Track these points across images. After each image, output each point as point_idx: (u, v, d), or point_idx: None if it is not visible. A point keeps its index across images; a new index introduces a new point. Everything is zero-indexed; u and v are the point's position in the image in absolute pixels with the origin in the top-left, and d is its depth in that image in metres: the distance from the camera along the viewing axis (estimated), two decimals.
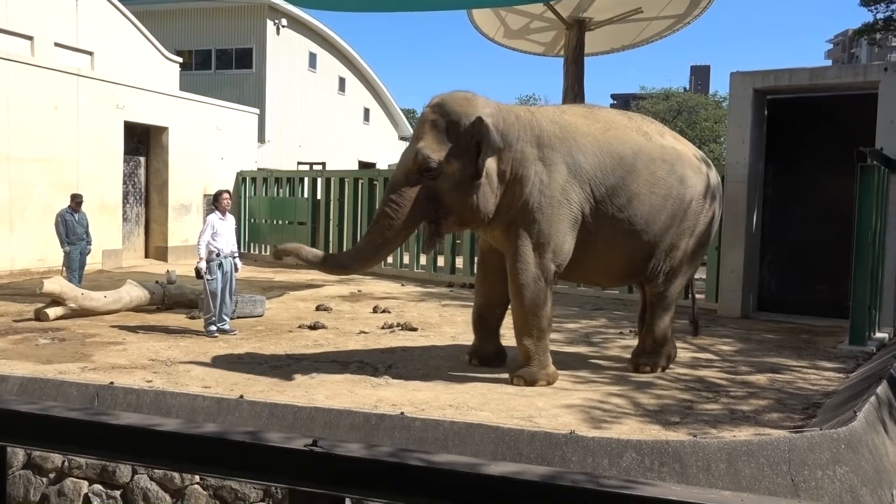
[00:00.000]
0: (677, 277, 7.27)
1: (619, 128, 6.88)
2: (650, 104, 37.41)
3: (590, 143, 6.62)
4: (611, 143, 6.71)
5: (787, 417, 5.82)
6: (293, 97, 26.13)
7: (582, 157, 6.56)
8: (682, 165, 6.98)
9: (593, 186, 6.57)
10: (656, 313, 7.28)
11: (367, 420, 5.39)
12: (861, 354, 8.38)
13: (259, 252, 19.26)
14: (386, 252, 7.00)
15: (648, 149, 6.82)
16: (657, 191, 6.77)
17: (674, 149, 7.05)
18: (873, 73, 10.61)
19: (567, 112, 7.06)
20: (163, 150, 17.82)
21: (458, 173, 6.28)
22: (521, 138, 6.48)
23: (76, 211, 11.30)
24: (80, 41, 17.27)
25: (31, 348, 7.87)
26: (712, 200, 7.26)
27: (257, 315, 10.15)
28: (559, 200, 6.46)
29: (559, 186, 6.45)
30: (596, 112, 7.15)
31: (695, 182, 7.03)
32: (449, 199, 6.37)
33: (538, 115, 6.82)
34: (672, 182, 6.87)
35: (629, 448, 4.84)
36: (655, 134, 7.11)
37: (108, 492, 5.48)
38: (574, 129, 6.67)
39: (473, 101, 6.48)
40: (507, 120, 6.49)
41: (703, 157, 7.51)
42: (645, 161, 6.75)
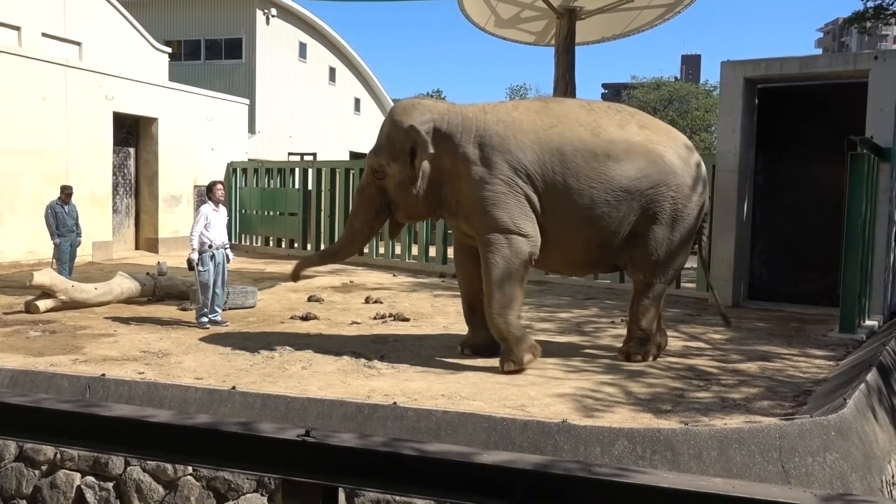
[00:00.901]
0: (659, 267, 7.21)
1: (567, 123, 6.96)
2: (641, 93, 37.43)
3: (530, 141, 6.86)
4: (552, 139, 6.87)
5: (778, 405, 5.86)
6: (283, 88, 26.03)
7: (521, 154, 6.83)
8: (632, 158, 6.91)
9: (534, 182, 6.84)
10: (643, 304, 7.28)
11: (360, 410, 5.39)
12: (851, 342, 8.43)
13: (250, 243, 19.23)
14: (359, 239, 7.69)
15: (592, 144, 6.87)
16: (598, 185, 6.83)
17: (626, 141, 6.95)
18: (863, 61, 10.63)
19: (520, 108, 7.24)
20: (152, 141, 17.75)
21: (398, 175, 7.02)
22: (465, 139, 6.92)
23: (66, 203, 11.25)
24: (68, 31, 17.15)
25: (21, 341, 7.84)
26: (681, 188, 7.07)
27: (249, 306, 10.14)
28: (505, 192, 6.80)
29: (502, 182, 6.80)
30: (551, 106, 7.27)
31: (650, 172, 6.94)
32: (394, 196, 7.16)
33: (488, 114, 7.09)
34: (616, 175, 6.86)
35: (621, 436, 4.86)
36: (612, 126, 7.03)
37: (100, 484, 5.47)
38: (518, 126, 6.93)
39: (413, 109, 7.12)
40: (452, 122, 6.97)
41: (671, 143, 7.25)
42: (586, 157, 6.83)
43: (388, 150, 7.04)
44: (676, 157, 7.14)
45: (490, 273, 6.77)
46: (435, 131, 6.90)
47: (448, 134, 6.91)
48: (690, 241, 7.38)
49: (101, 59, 17.35)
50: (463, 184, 6.91)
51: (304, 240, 17.95)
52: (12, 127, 13.99)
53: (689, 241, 7.37)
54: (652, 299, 7.27)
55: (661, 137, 7.22)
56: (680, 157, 7.17)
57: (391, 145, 7.02)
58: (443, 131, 6.91)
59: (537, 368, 6.91)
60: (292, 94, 26.63)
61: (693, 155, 7.37)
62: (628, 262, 7.29)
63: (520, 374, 6.70)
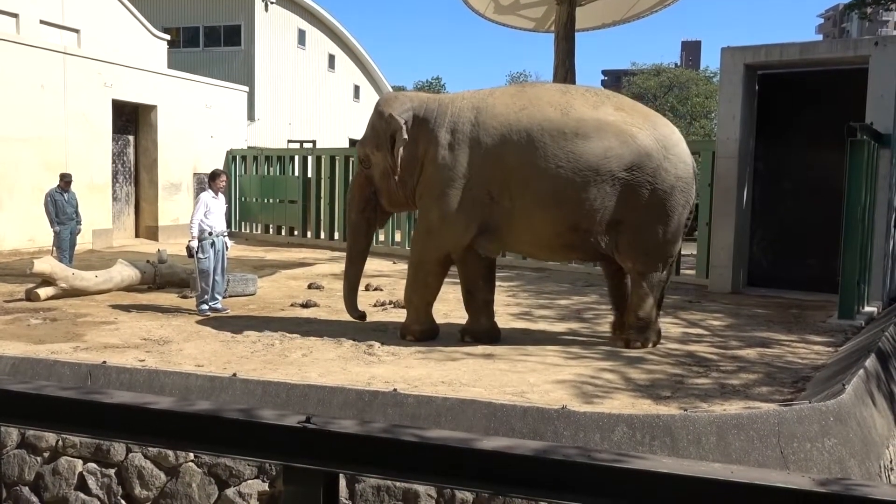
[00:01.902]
0: (649, 256, 7.13)
1: (538, 105, 7.02)
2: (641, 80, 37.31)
3: (499, 125, 7.00)
4: (521, 121, 6.96)
5: (777, 391, 5.88)
6: (282, 75, 25.95)
7: (489, 138, 7.00)
8: (601, 137, 6.85)
9: (499, 166, 6.97)
10: (638, 293, 7.24)
11: (360, 397, 5.41)
12: (850, 328, 8.45)
13: (250, 231, 19.22)
14: (361, 232, 7.95)
15: (560, 123, 6.88)
16: (566, 163, 6.83)
17: (597, 120, 6.90)
18: (864, 47, 10.61)
19: (495, 94, 7.36)
20: (152, 128, 17.71)
21: (381, 163, 7.39)
22: (438, 124, 7.19)
23: (65, 190, 11.24)
24: (65, 19, 17.09)
25: (22, 328, 7.85)
26: (658, 171, 6.96)
27: (249, 294, 10.15)
28: (457, 181, 7.05)
29: (460, 168, 7.05)
30: (527, 90, 7.38)
31: (621, 152, 6.85)
32: (379, 185, 7.55)
33: (464, 100, 7.31)
34: (584, 153, 6.82)
35: (620, 422, 4.88)
36: (585, 107, 7.00)
37: (102, 470, 5.50)
38: (489, 111, 7.09)
39: (395, 100, 7.58)
40: (429, 109, 7.29)
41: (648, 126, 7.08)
42: (553, 135, 6.86)
43: (373, 140, 7.43)
44: (651, 139, 6.98)
45: (411, 258, 7.66)
46: (414, 119, 7.24)
47: (425, 120, 7.24)
48: (679, 227, 7.22)
49: (100, 47, 17.29)
50: (427, 166, 7.22)
51: (303, 227, 17.95)
52: (11, 115, 13.95)
53: (678, 227, 7.21)
54: (647, 288, 7.20)
55: (637, 120, 7.09)
56: (656, 140, 7.00)
57: (375, 135, 7.40)
58: (420, 118, 7.25)
59: (537, 355, 6.93)
60: (291, 81, 26.55)
61: (674, 139, 7.19)
62: (615, 251, 7.16)
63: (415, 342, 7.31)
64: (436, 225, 7.25)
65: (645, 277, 7.20)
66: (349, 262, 8.03)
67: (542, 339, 7.72)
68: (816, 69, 11.16)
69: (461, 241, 7.17)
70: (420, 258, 7.46)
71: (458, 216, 7.09)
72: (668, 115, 34.46)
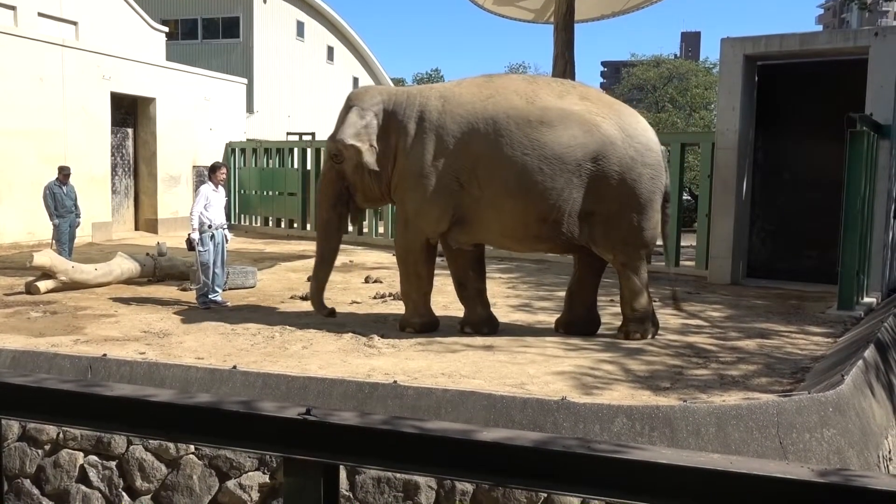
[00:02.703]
0: (628, 246, 7.09)
1: (504, 94, 7.07)
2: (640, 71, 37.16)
3: (465, 113, 7.05)
4: (487, 110, 6.99)
5: (776, 382, 5.89)
6: (281, 67, 25.89)
7: (456, 127, 7.05)
8: (566, 125, 6.86)
9: (467, 153, 7.01)
10: (628, 285, 7.24)
11: (360, 389, 5.42)
12: (849, 319, 8.46)
13: (250, 223, 19.21)
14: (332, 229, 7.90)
15: (525, 111, 6.91)
16: (531, 151, 6.85)
17: (561, 109, 6.91)
18: (864, 38, 10.58)
19: (463, 84, 7.43)
20: (150, 121, 17.68)
21: (361, 156, 7.30)
22: (407, 115, 7.25)
23: (64, 183, 11.23)
24: (63, 11, 17.03)
25: (22, 321, 7.86)
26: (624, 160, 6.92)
27: (249, 286, 10.15)
28: (427, 171, 7.10)
29: (428, 158, 7.09)
30: (494, 80, 7.39)
31: (585, 141, 6.85)
32: (352, 179, 7.54)
33: (433, 91, 7.41)
34: (548, 141, 6.83)
35: (620, 413, 4.89)
36: (550, 96, 7.01)
37: (103, 463, 5.51)
38: (456, 100, 7.15)
39: (365, 93, 7.62)
40: (398, 101, 7.35)
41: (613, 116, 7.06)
42: (519, 123, 6.89)
43: (347, 135, 7.35)
44: (616, 128, 6.96)
45: (397, 254, 7.73)
46: (384, 112, 7.32)
47: (394, 112, 7.31)
48: (651, 214, 7.12)
49: (98, 39, 17.24)
50: (399, 158, 7.29)
51: (303, 219, 17.94)
52: (9, 107, 13.93)
53: (651, 215, 7.12)
54: (637, 279, 7.18)
55: (603, 109, 7.07)
56: (620, 129, 6.97)
57: (347, 129, 7.35)
58: (390, 111, 7.32)
59: (536, 346, 6.94)
60: (290, 73, 26.49)
61: (639, 128, 7.14)
62: (592, 244, 7.13)
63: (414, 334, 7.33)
64: (412, 215, 7.31)
65: (630, 268, 7.17)
66: (321, 261, 7.93)
67: (542, 330, 7.73)
68: (816, 60, 11.14)
69: (438, 228, 7.24)
70: (404, 250, 7.54)
71: (432, 204, 7.14)
72: (667, 107, 34.41)
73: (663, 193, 7.28)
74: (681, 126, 31.48)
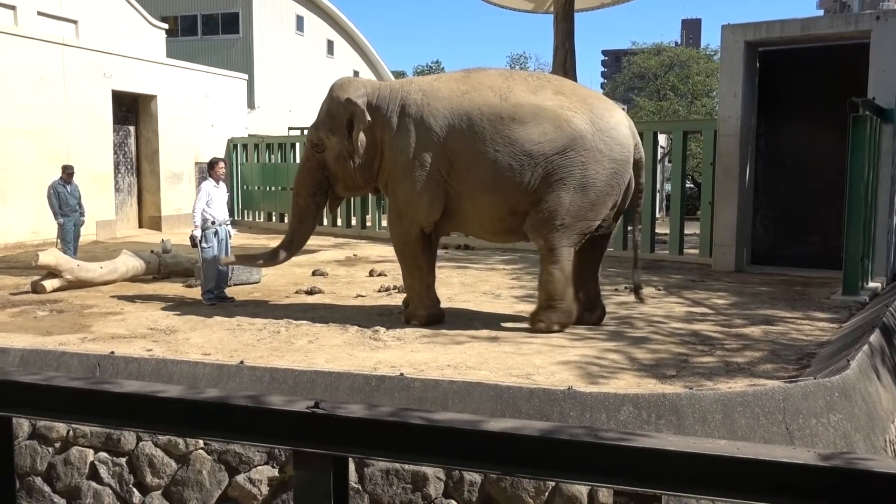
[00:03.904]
0: (558, 231, 7.03)
1: (480, 89, 7.13)
2: (641, 59, 37.07)
3: (443, 107, 7.16)
4: (463, 105, 7.09)
5: (782, 368, 5.90)
6: (281, 62, 25.88)
7: (433, 121, 7.15)
8: (538, 122, 6.91)
9: (445, 148, 7.12)
10: (545, 269, 7.20)
11: (367, 382, 5.44)
12: (854, 304, 8.46)
13: (253, 219, 19.24)
14: (308, 216, 8.07)
15: (499, 108, 6.98)
16: (503, 148, 6.93)
17: (534, 105, 6.95)
18: (865, 22, 10.54)
19: (441, 78, 7.57)
20: (152, 118, 17.70)
21: (336, 146, 7.52)
22: (391, 109, 7.36)
23: (68, 182, 11.26)
24: (63, 10, 17.04)
25: (29, 321, 7.89)
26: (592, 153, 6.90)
27: (254, 282, 10.18)
28: (412, 163, 7.20)
29: (412, 151, 7.20)
30: (472, 75, 7.42)
31: (555, 136, 6.88)
32: (333, 169, 7.68)
33: (413, 85, 7.54)
34: (520, 138, 6.89)
35: (626, 402, 4.90)
36: (524, 91, 7.05)
37: (113, 459, 5.55)
38: (435, 95, 7.25)
39: (350, 84, 7.70)
40: (381, 95, 7.46)
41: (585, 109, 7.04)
42: (492, 120, 6.97)
43: (327, 124, 7.57)
44: (587, 122, 6.95)
45: (395, 248, 7.76)
46: (368, 105, 7.37)
47: (378, 106, 7.39)
48: (601, 206, 7.05)
49: (98, 37, 17.25)
50: (386, 152, 7.41)
51: None
52: (11, 107, 13.95)
53: (599, 207, 7.05)
54: (558, 266, 7.10)
55: (575, 104, 7.06)
56: (591, 123, 6.96)
57: (330, 119, 7.54)
58: (374, 104, 7.40)
59: (542, 337, 6.96)
60: (290, 68, 26.47)
61: (611, 122, 7.08)
62: (529, 229, 7.15)
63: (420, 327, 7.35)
64: (403, 206, 7.40)
65: (555, 254, 7.08)
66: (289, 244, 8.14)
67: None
68: (817, 45, 11.10)
69: (430, 216, 7.32)
70: (400, 242, 7.60)
71: (421, 193, 7.23)
72: (669, 95, 34.32)
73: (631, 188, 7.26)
74: (683, 114, 31.42)
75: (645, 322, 7.69)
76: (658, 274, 11.00)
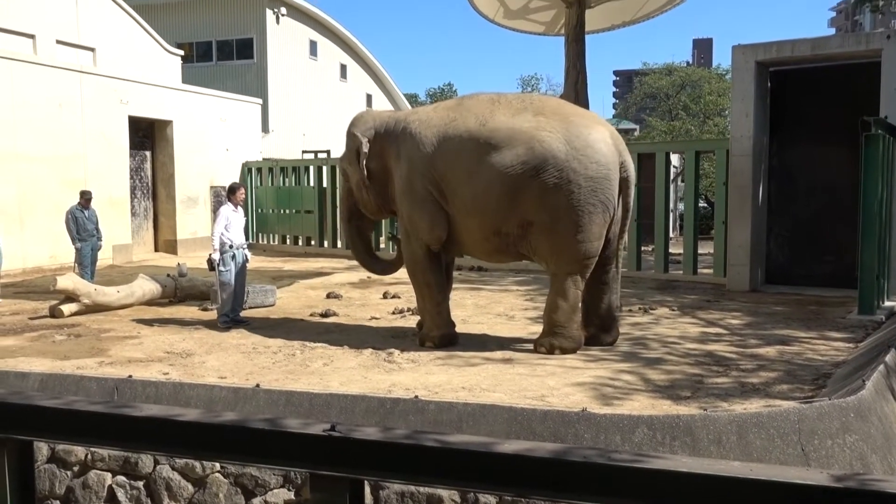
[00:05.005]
0: (554, 255, 7.09)
1: (465, 116, 7.37)
2: (653, 79, 37.15)
3: (433, 135, 7.46)
4: (448, 132, 7.38)
5: (797, 388, 5.87)
6: (295, 86, 26.12)
7: (425, 148, 7.46)
8: (512, 145, 7.01)
9: (435, 172, 7.41)
10: (549, 294, 7.33)
11: (382, 404, 5.46)
12: (870, 323, 8.41)
13: (267, 242, 19.35)
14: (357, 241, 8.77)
15: (477, 133, 7.18)
16: (481, 172, 7.11)
17: (510, 129, 7.06)
18: (876, 41, 10.57)
19: (438, 108, 7.90)
20: (168, 143, 17.89)
21: (355, 175, 8.09)
22: (396, 139, 7.76)
23: (86, 207, 11.39)
24: (81, 38, 17.31)
25: (47, 345, 7.97)
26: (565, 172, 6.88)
27: (269, 305, 10.23)
28: (412, 187, 7.57)
29: (410, 176, 7.56)
30: (464, 102, 7.67)
31: (528, 158, 6.95)
32: (356, 195, 8.29)
33: (414, 115, 7.95)
34: (495, 163, 7.04)
35: (641, 423, 4.89)
36: (503, 116, 7.18)
37: (131, 483, 5.58)
38: (428, 123, 7.57)
39: (360, 118, 8.25)
40: (388, 126, 7.90)
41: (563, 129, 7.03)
42: (472, 146, 7.19)
43: (346, 156, 8.22)
44: (561, 141, 6.94)
45: (408, 270, 7.99)
46: (376, 135, 7.90)
47: (385, 136, 7.86)
48: (589, 227, 6.98)
49: (115, 64, 17.49)
50: (394, 178, 7.83)
51: (320, 237, 18.05)
52: (30, 134, 14.16)
53: (588, 228, 6.98)
54: (562, 291, 7.11)
55: (553, 124, 7.06)
56: (566, 142, 6.94)
57: (347, 151, 8.18)
58: (382, 135, 7.88)
59: (556, 359, 6.96)
60: (304, 92, 26.71)
61: (589, 140, 7.00)
62: (531, 252, 7.33)
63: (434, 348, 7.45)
64: (409, 228, 7.75)
65: (559, 279, 7.16)
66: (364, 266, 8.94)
67: None
68: (829, 64, 11.12)
69: (433, 234, 7.54)
70: (410, 261, 7.87)
71: (422, 216, 7.54)
72: (681, 115, 34.34)
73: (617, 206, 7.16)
74: (695, 133, 31.41)
75: (659, 343, 7.67)
76: (672, 294, 10.97)
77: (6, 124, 13.73)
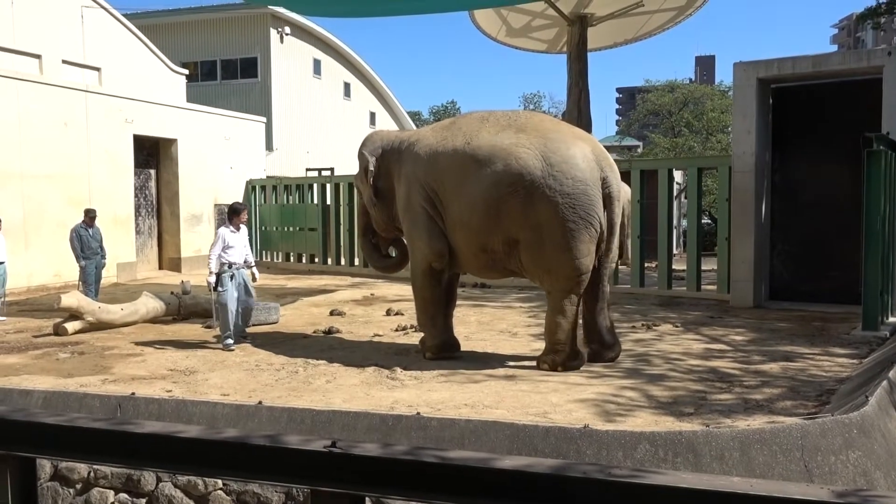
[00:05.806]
0: (551, 273, 7.08)
1: (455, 135, 7.54)
2: (655, 97, 37.22)
3: (425, 155, 7.66)
4: (439, 151, 7.56)
5: (801, 405, 5.85)
6: (299, 104, 26.26)
7: (420, 167, 7.67)
8: (491, 163, 7.09)
9: (427, 190, 7.59)
10: (547, 313, 7.33)
11: (385, 421, 5.46)
12: (874, 340, 8.39)
13: (271, 259, 19.38)
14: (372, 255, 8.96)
15: (461, 152, 7.35)
16: (464, 190, 7.25)
17: (491, 147, 7.15)
18: (877, 57, 10.61)
19: (436, 128, 8.09)
20: (172, 161, 17.97)
21: (365, 192, 8.38)
22: (398, 159, 8.01)
23: (90, 226, 11.44)
24: (87, 57, 17.44)
25: (51, 363, 7.98)
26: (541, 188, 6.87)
27: (272, 322, 10.24)
28: (408, 206, 7.78)
29: (405, 195, 7.81)
30: (457, 122, 7.87)
31: (503, 176, 7.00)
32: (369, 212, 8.50)
33: (415, 135, 8.17)
34: (475, 180, 7.16)
35: (643, 440, 4.89)
36: (487, 134, 7.27)
37: (133, 500, 5.57)
38: (424, 143, 7.78)
39: (369, 139, 8.54)
40: (394, 146, 8.13)
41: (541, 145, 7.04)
42: (456, 165, 7.36)
43: (358, 175, 8.53)
44: (537, 158, 6.94)
45: (412, 284, 8.09)
46: (383, 155, 8.17)
47: (390, 155, 8.12)
48: (575, 244, 6.92)
49: (120, 84, 17.61)
50: (397, 196, 8.02)
51: (324, 254, 18.08)
52: (36, 152, 14.24)
53: (575, 245, 6.92)
54: (559, 309, 7.09)
55: (532, 140, 7.06)
56: (543, 159, 6.93)
57: (359, 170, 8.47)
58: (387, 154, 8.14)
59: (559, 375, 6.95)
60: (308, 110, 26.85)
61: (566, 155, 6.96)
62: (521, 270, 7.41)
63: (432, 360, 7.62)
64: (410, 244, 8.05)
65: (554, 297, 7.17)
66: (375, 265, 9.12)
67: None
68: (830, 81, 11.16)
69: (432, 250, 7.65)
70: (412, 274, 8.07)
71: (421, 232, 7.70)
72: (683, 131, 34.38)
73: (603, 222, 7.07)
74: (698, 150, 31.46)
75: (662, 359, 7.66)
76: (676, 310, 10.96)
77: (12, 143, 13.81)
